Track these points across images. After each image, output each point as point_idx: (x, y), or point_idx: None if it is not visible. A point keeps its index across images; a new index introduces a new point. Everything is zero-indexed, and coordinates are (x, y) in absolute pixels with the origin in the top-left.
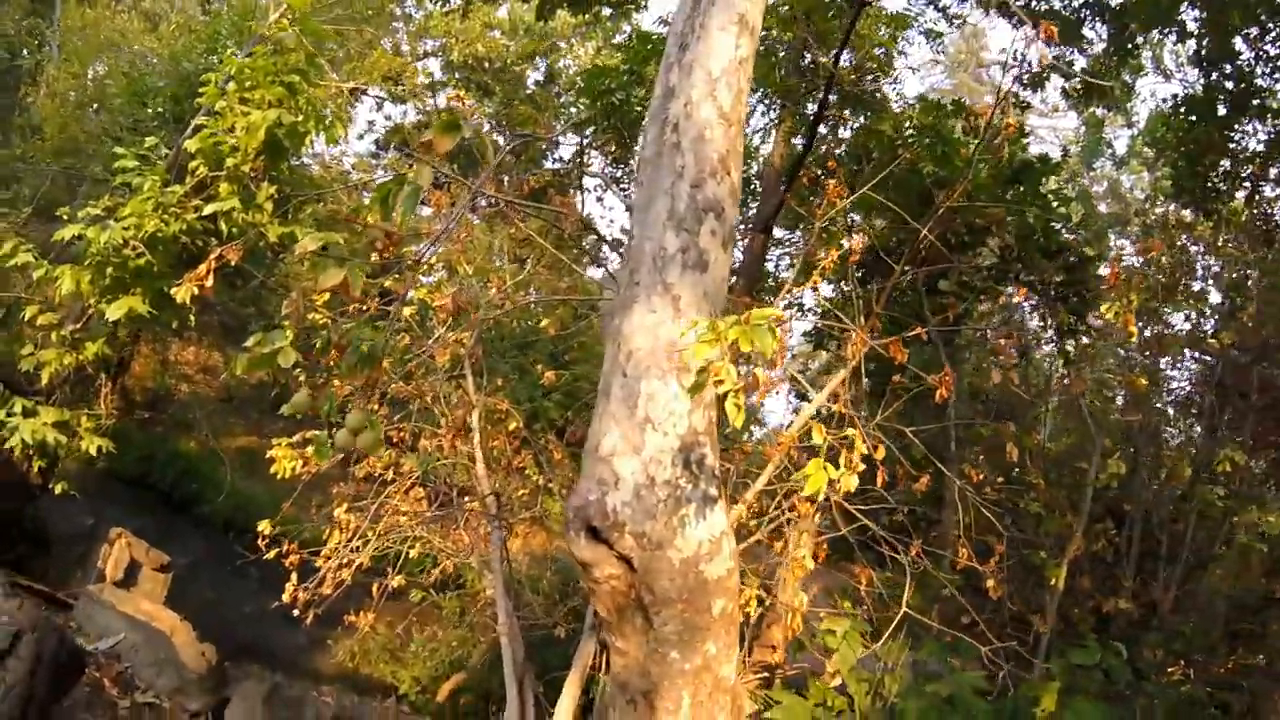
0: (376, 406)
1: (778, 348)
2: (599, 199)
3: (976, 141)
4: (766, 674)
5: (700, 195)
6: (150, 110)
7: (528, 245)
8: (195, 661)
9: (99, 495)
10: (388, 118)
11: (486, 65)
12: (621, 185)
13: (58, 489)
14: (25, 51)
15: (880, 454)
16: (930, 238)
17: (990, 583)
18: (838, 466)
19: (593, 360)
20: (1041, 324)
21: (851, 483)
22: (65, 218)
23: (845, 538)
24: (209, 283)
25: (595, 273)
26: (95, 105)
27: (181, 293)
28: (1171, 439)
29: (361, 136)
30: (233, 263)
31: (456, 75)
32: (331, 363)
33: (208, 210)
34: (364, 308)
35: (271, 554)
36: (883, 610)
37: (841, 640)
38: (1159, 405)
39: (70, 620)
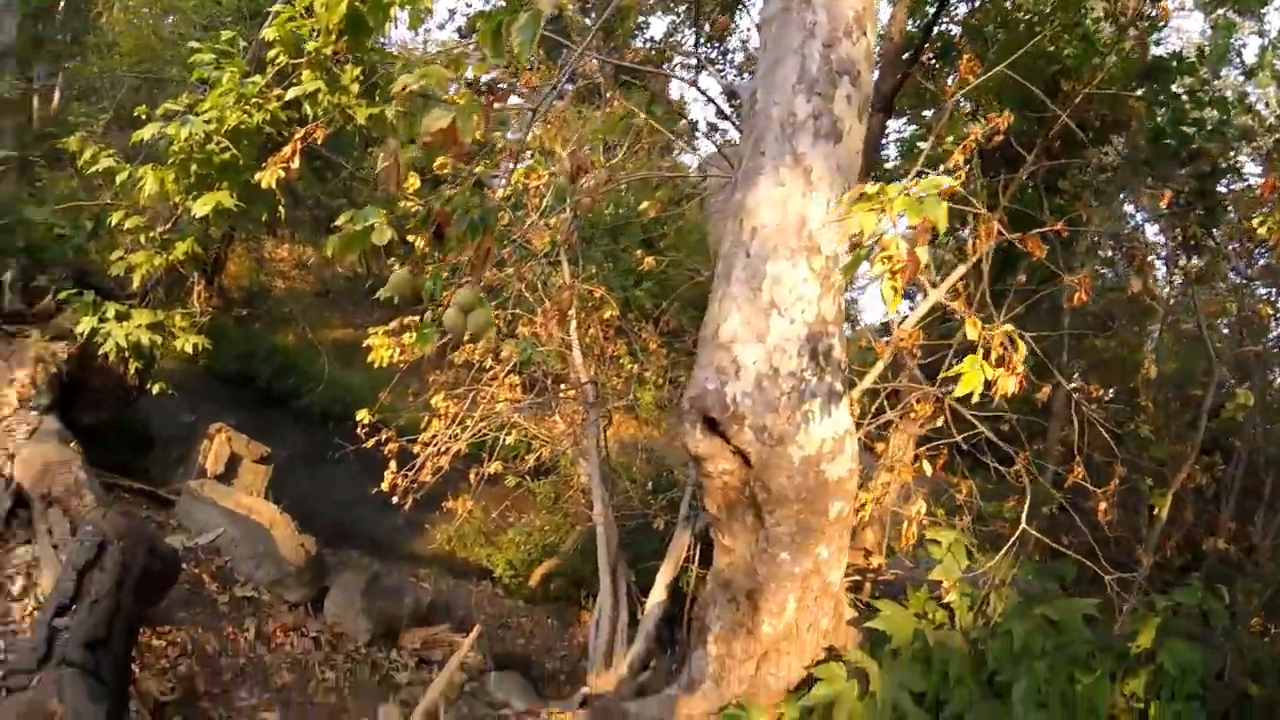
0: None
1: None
2: (692, 82)
3: (1117, 26)
4: (859, 579)
5: (834, 55)
6: (224, 5)
7: (619, 130)
8: (294, 553)
9: (199, 394)
10: (469, 4)
11: None
12: (717, 66)
13: (155, 389)
14: None
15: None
16: (1068, 122)
17: (1102, 505)
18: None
19: (686, 248)
20: (1162, 236)
21: (1009, 385)
22: (144, 118)
23: (944, 452)
24: (295, 165)
25: (690, 160)
26: (168, 12)
27: (267, 177)
28: None
29: (443, 26)
30: (320, 145)
31: None
32: (432, 237)
33: (290, 96)
34: (471, 167)
35: (370, 443)
36: (980, 523)
37: (947, 551)
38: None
39: (171, 517)
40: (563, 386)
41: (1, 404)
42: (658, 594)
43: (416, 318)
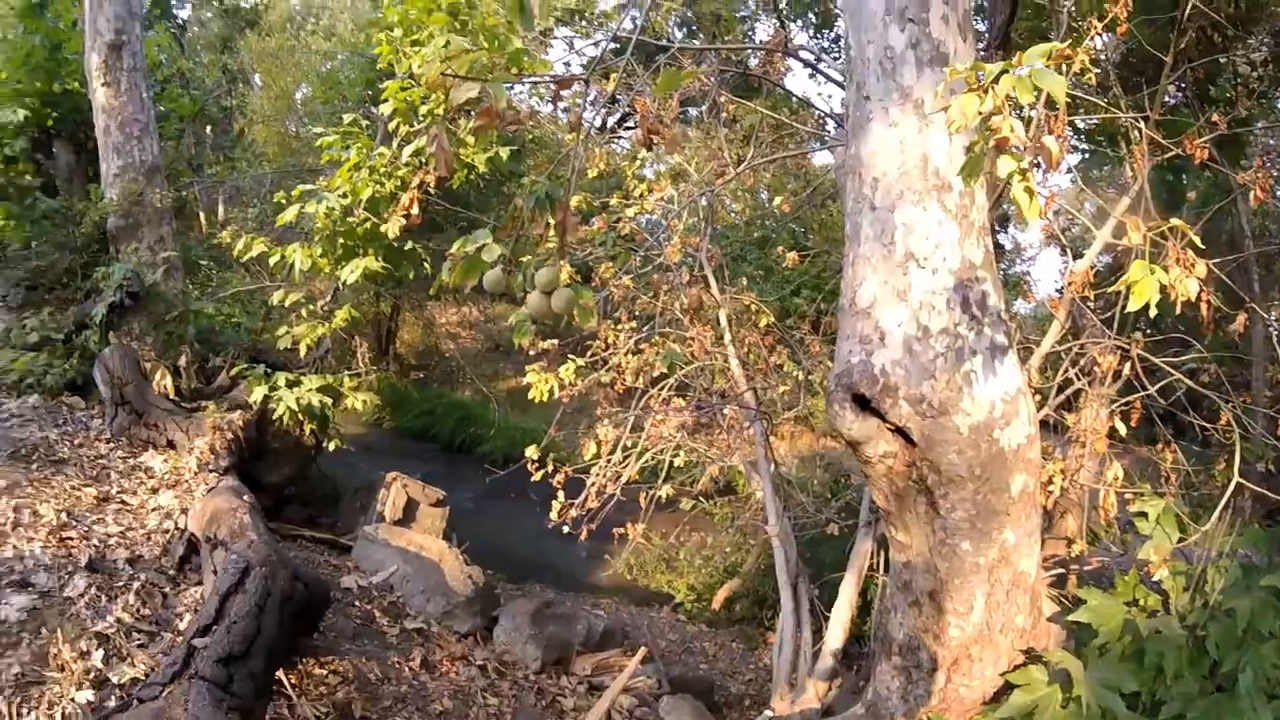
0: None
1: (1059, 140)
2: (811, 75)
3: None
4: (1061, 570)
5: None
6: (348, 98)
7: (743, 140)
8: (462, 585)
9: (387, 451)
10: (579, 52)
11: None
12: (834, 56)
13: (332, 447)
14: (229, 92)
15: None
16: (1209, 14)
17: None
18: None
19: (833, 242)
20: None
21: (1190, 288)
22: (285, 203)
23: (1138, 408)
24: (414, 212)
25: (826, 158)
26: (300, 114)
27: (391, 227)
28: None
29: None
30: (463, 195)
31: None
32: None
33: (408, 153)
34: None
35: (538, 475)
36: (1186, 491)
37: (1155, 525)
38: None
39: (348, 560)
40: (726, 401)
41: (183, 470)
42: (842, 608)
43: (553, 343)
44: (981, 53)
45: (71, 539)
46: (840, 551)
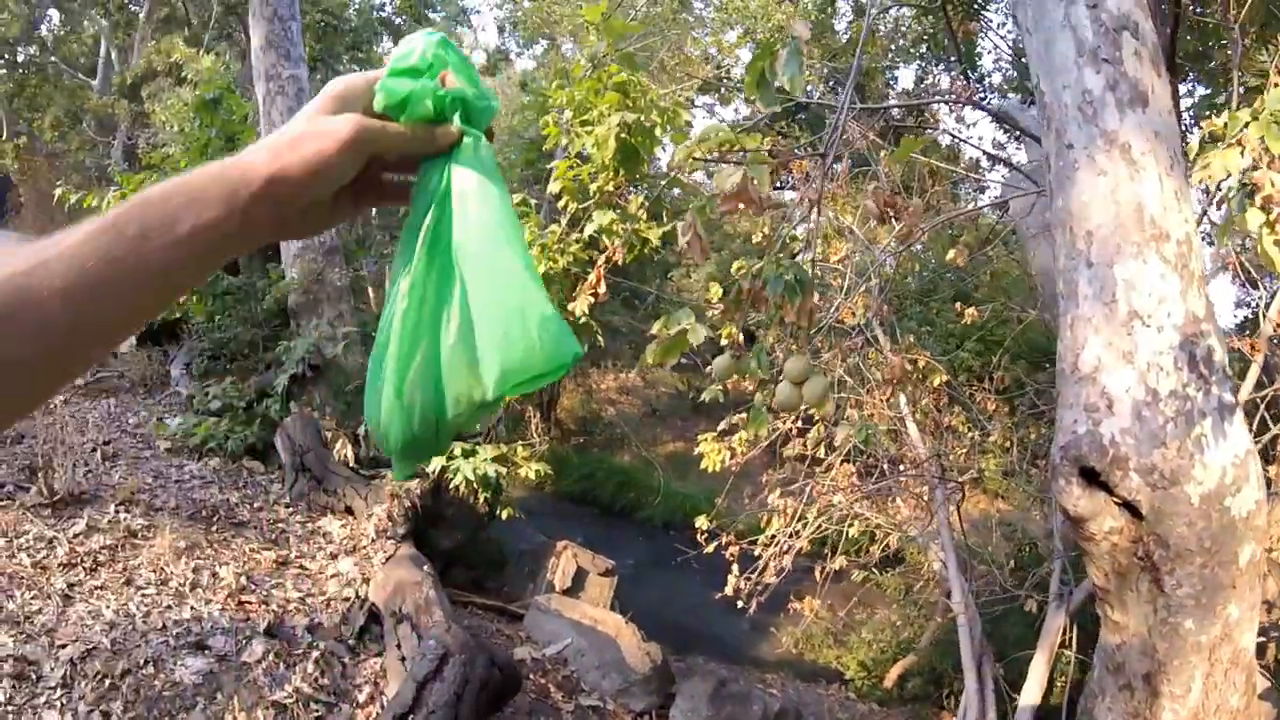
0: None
1: None
2: (958, 118)
3: None
4: (1262, 639)
5: (1103, 14)
6: (513, 179)
7: (894, 193)
8: (640, 662)
9: (549, 515)
10: (720, 120)
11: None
12: (982, 96)
13: (504, 514)
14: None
15: None
16: None
17: None
18: None
19: (1001, 294)
20: None
21: None
22: None
23: None
24: (601, 290)
25: (983, 200)
26: None
27: (580, 305)
28: None
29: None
30: (623, 271)
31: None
32: (746, 310)
33: (587, 233)
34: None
35: (710, 548)
36: None
37: None
38: None
39: (520, 630)
40: (901, 467)
41: (361, 536)
42: (1031, 690)
43: (742, 417)
44: None
45: (250, 603)
46: (1025, 627)
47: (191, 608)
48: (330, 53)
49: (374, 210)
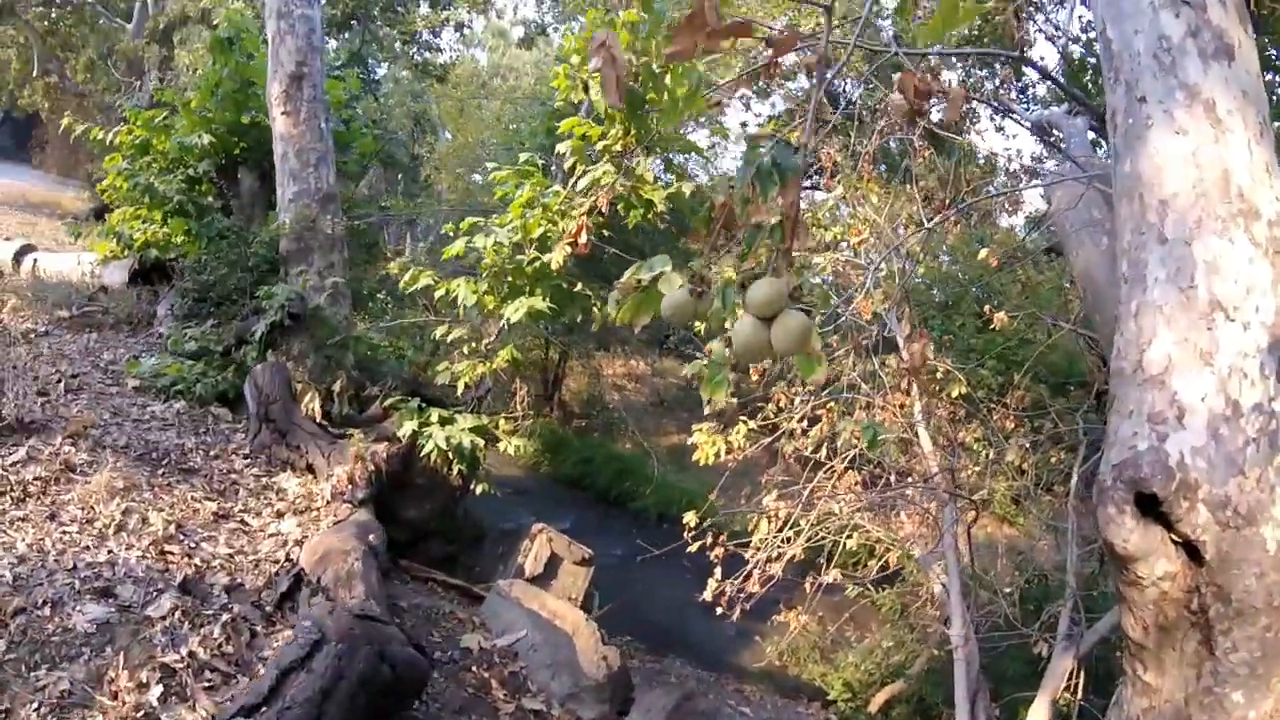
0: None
1: None
2: (998, 129)
3: None
4: None
5: None
6: (526, 145)
7: (924, 200)
8: (594, 666)
9: (541, 496)
10: (756, 114)
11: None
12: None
13: (479, 490)
14: (416, 140)
15: None
16: None
17: None
18: None
19: (1027, 310)
20: None
21: None
22: (453, 235)
23: None
24: (582, 240)
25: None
26: (482, 162)
27: (556, 256)
28: None
29: (736, 140)
30: (639, 250)
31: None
32: (716, 229)
33: (582, 185)
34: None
35: (695, 546)
36: None
37: None
38: None
39: (474, 615)
40: (909, 480)
41: (316, 496)
42: None
43: (744, 418)
44: None
45: (173, 554)
46: (1025, 663)
47: (110, 551)
48: (365, 13)
49: (399, 176)
